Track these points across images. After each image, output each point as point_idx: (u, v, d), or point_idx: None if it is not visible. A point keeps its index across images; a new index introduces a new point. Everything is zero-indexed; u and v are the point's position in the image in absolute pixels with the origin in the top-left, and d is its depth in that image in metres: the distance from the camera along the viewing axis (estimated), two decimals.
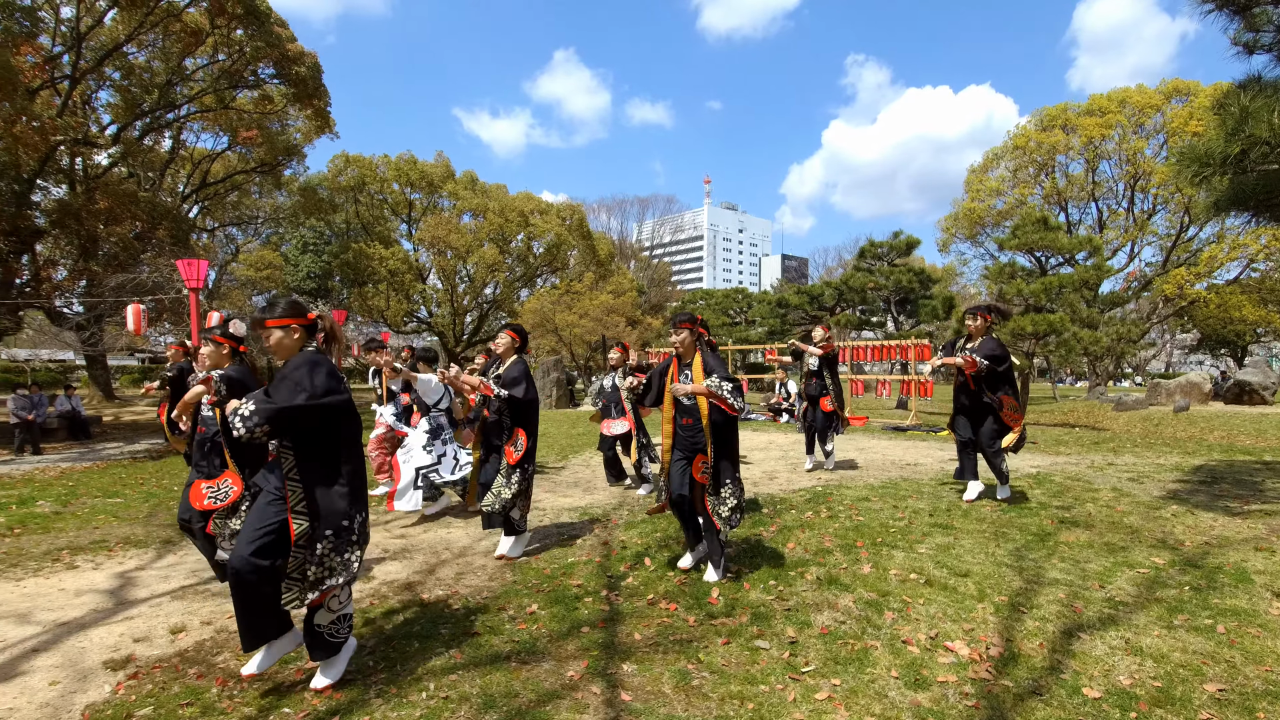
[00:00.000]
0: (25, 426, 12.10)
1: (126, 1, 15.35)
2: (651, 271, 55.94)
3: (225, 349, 4.06)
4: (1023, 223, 18.83)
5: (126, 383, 33.78)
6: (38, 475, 9.58)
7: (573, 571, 4.68)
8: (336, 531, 2.98)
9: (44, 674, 3.35)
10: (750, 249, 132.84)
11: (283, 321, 3.10)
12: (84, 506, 7.35)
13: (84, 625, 3.98)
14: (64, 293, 17.95)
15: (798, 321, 28.05)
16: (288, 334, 3.11)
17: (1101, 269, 18.20)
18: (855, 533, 5.32)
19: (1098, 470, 8.28)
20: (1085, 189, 29.55)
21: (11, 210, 14.31)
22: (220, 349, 4.05)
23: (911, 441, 11.79)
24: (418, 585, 4.51)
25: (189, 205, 25.16)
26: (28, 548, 5.69)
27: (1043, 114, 29.52)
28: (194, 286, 9.52)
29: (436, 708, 2.89)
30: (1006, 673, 3.09)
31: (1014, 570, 4.40)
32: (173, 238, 17.91)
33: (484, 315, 37.68)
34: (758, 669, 3.17)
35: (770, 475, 8.33)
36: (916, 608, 3.80)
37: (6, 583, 4.78)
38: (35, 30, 14.56)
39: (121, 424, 17.23)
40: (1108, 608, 3.79)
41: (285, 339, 3.10)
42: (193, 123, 22.04)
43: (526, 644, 3.51)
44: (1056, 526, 5.45)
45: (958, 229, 31.65)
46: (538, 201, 36.25)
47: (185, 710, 2.92)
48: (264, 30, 16.73)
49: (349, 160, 33.92)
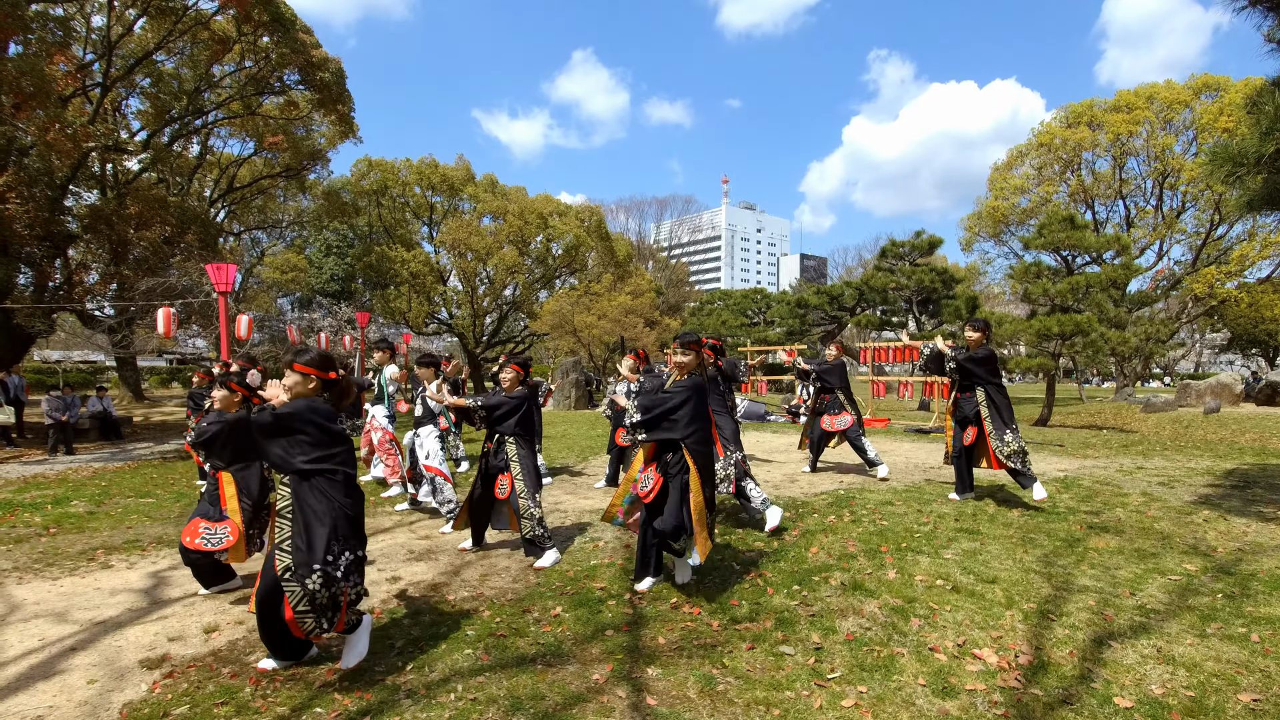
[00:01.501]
0: (59, 427, 12.39)
1: (156, 10, 15.66)
2: (669, 272, 55.92)
3: (237, 396, 4.46)
4: (1048, 221, 18.54)
5: (155, 384, 34.46)
6: (71, 475, 9.82)
7: (595, 574, 4.70)
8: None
9: (82, 672, 3.44)
10: (768, 249, 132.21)
11: (307, 370, 3.24)
12: (117, 506, 7.52)
13: (120, 624, 4.07)
14: (96, 296, 18.34)
15: (817, 322, 27.88)
16: (304, 381, 3.25)
17: (1129, 268, 17.87)
18: (879, 537, 5.28)
19: (1127, 474, 8.14)
20: (1112, 186, 29.01)
21: (45, 215, 14.64)
22: (233, 395, 4.44)
23: (935, 444, 11.67)
24: (443, 586, 4.56)
25: (216, 210, 25.62)
26: (64, 547, 5.83)
27: (1068, 110, 29.04)
28: (223, 290, 9.70)
29: (465, 709, 2.93)
30: (1036, 681, 3.06)
31: (1042, 577, 4.35)
32: (201, 242, 18.24)
33: (504, 317, 37.90)
34: (783, 675, 3.16)
35: (791, 478, 8.29)
36: (943, 614, 3.77)
37: (44, 582, 4.91)
38: (68, 39, 14.90)
39: (151, 424, 17.60)
40: (1139, 615, 3.73)
41: (300, 386, 3.25)
42: (220, 128, 22.45)
43: (551, 646, 3.54)
44: (1085, 532, 5.37)
45: (981, 228, 31.22)
46: (556, 203, 36.38)
47: (220, 709, 2.98)
48: (289, 37, 16.98)
49: (372, 164, 34.30)
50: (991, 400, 6.19)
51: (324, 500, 3.10)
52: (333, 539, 3.07)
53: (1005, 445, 6.05)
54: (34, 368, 30.22)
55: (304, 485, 3.11)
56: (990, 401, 6.18)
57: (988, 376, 6.24)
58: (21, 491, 8.50)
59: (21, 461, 11.42)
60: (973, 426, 6.30)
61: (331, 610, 3.10)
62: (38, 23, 13.17)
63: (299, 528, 3.08)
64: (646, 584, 4.35)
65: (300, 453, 3.11)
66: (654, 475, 4.15)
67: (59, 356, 34.80)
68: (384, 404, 7.65)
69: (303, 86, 19.25)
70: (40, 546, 5.86)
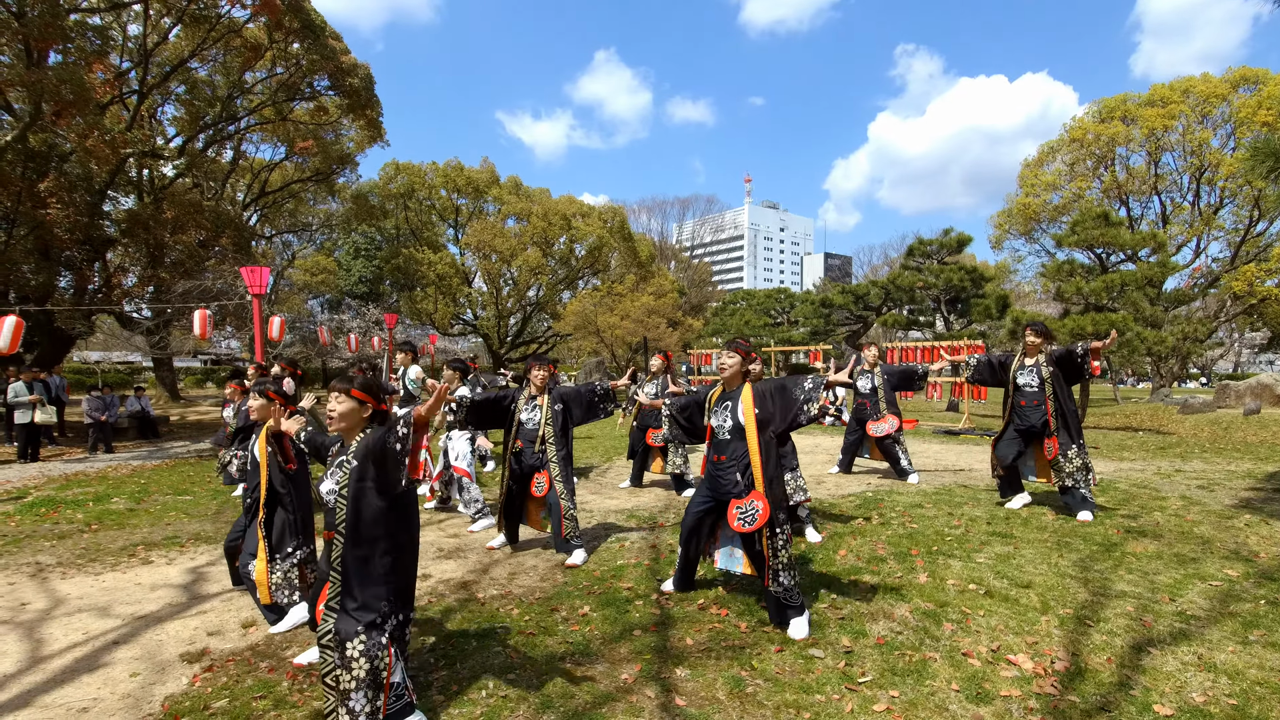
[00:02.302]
0: (99, 426, 12.74)
1: (190, 18, 16.04)
2: (692, 272, 55.82)
3: (276, 405, 4.18)
4: (1082, 218, 18.14)
5: (190, 383, 35.28)
6: (111, 473, 10.09)
7: (622, 574, 4.72)
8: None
9: (125, 665, 3.53)
10: (792, 248, 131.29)
11: (364, 397, 2.96)
12: (156, 503, 7.71)
13: (160, 619, 4.18)
14: (133, 298, 18.86)
15: (842, 321, 27.62)
16: (360, 409, 2.96)
17: (1166, 265, 17.41)
18: (909, 540, 5.22)
19: (1165, 477, 7.95)
20: (1147, 182, 28.32)
21: (85, 220, 15.09)
22: (270, 404, 4.17)
23: (965, 446, 11.50)
24: (473, 584, 4.61)
25: (249, 214, 26.16)
26: (105, 543, 6.00)
27: (1101, 105, 28.41)
28: (257, 293, 9.90)
29: (496, 706, 2.96)
30: (1073, 688, 3.00)
31: (1079, 582, 4.26)
32: (235, 245, 18.65)
33: (527, 317, 38.17)
34: (813, 678, 3.15)
35: (818, 480, 8.23)
36: (976, 619, 3.72)
37: (87, 577, 5.06)
38: (106, 48, 15.33)
39: (187, 423, 18.02)
40: (1179, 622, 3.65)
41: (355, 414, 2.95)
42: (252, 134, 22.91)
43: (580, 645, 3.56)
44: (1123, 536, 5.26)
45: (1011, 225, 30.68)
46: (579, 204, 36.55)
47: (259, 703, 3.05)
48: (319, 43, 17.28)
49: (399, 168, 34.78)
50: (1061, 410, 5.89)
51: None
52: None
53: (1069, 462, 5.82)
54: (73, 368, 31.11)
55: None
56: (1060, 412, 5.89)
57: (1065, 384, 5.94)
58: (64, 489, 8.76)
59: (63, 460, 11.77)
60: (1035, 438, 6.01)
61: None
62: (76, 32, 13.56)
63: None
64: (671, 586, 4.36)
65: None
66: (761, 502, 3.66)
67: (98, 357, 35.78)
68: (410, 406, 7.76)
69: (332, 92, 19.59)
70: (83, 542, 6.03)
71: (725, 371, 3.93)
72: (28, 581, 4.95)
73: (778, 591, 3.61)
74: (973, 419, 15.73)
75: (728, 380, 3.95)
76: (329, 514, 2.83)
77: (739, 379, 3.91)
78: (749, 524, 3.62)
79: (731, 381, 3.93)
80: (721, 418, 3.88)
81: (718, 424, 3.90)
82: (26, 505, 7.66)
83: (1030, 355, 6.12)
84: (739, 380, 3.91)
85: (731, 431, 3.82)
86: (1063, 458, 5.84)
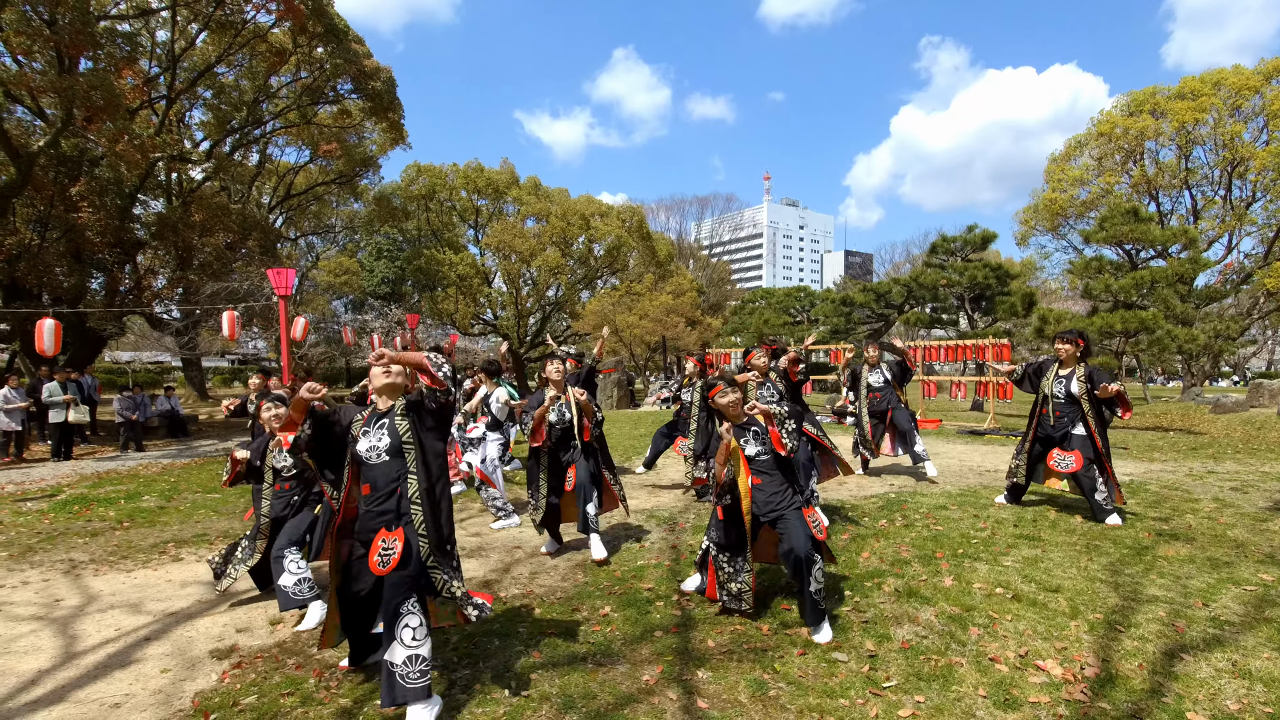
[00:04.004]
0: (130, 425, 13.02)
1: (216, 24, 16.33)
2: (710, 271, 55.63)
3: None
4: (1110, 214, 17.81)
5: (218, 383, 35.94)
6: (142, 471, 10.30)
7: (643, 575, 4.71)
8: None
9: (156, 661, 3.61)
10: (811, 245, 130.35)
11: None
12: (185, 501, 7.86)
13: (190, 615, 4.26)
14: (163, 300, 19.26)
15: (863, 320, 27.33)
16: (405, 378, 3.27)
17: (1197, 262, 17.06)
18: (934, 543, 5.15)
19: (1197, 478, 7.77)
20: (1177, 176, 27.66)
21: (116, 223, 15.44)
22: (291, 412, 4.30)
23: (990, 446, 11.33)
24: (494, 584, 4.64)
25: (274, 216, 26.60)
26: (136, 540, 6.13)
27: (1130, 99, 27.83)
28: (283, 294, 10.05)
29: (519, 705, 2.97)
30: (1104, 695, 2.95)
31: (1109, 586, 4.18)
32: (261, 248, 18.97)
33: (547, 317, 38.31)
34: (836, 682, 3.12)
35: (839, 481, 8.14)
36: (1004, 624, 3.66)
37: (119, 574, 5.17)
38: (135, 54, 15.66)
39: (215, 422, 18.35)
40: (1212, 627, 3.57)
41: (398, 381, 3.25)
42: (278, 137, 23.26)
43: (601, 646, 3.56)
44: (1154, 539, 5.15)
45: (1037, 221, 30.15)
46: (598, 204, 36.61)
47: (286, 700, 3.09)
48: (342, 48, 17.49)
49: (420, 170, 35.10)
50: (1101, 422, 5.67)
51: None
52: None
53: (1092, 481, 5.64)
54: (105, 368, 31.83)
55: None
56: (1101, 422, 5.67)
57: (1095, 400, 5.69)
58: (96, 487, 8.96)
59: (95, 458, 12.05)
60: (1059, 449, 5.80)
61: None
62: (106, 38, 13.86)
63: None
64: (692, 585, 4.35)
65: None
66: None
67: (129, 357, 36.58)
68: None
69: (355, 95, 19.83)
70: (114, 540, 6.17)
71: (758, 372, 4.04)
72: (61, 578, 5.07)
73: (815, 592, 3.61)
74: (998, 419, 15.51)
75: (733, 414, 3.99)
76: (367, 469, 3.10)
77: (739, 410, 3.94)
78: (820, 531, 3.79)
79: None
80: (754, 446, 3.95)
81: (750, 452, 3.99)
82: (60, 503, 7.85)
83: (1066, 365, 5.91)
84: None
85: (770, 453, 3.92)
86: (1084, 476, 5.66)
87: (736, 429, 3.89)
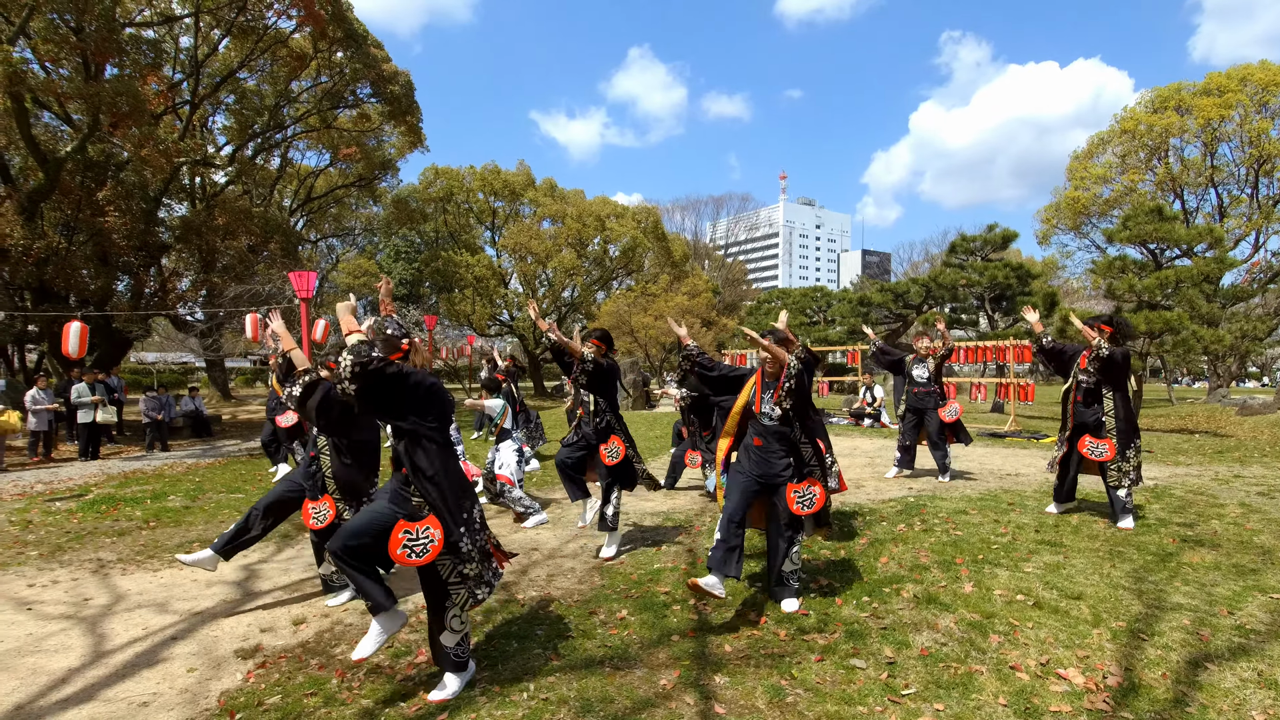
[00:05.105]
0: (155, 425, 13.25)
1: (238, 30, 16.58)
2: (726, 271, 55.50)
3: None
4: (1134, 213, 17.51)
5: (240, 383, 36.47)
6: (167, 471, 10.48)
7: (659, 578, 4.72)
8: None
9: (182, 661, 3.67)
10: (828, 245, 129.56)
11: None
12: (210, 501, 7.98)
13: (215, 615, 4.33)
14: (187, 302, 19.59)
15: (880, 320, 27.11)
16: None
17: (1223, 261, 16.69)
18: (953, 548, 5.11)
19: (1223, 483, 7.64)
20: (1203, 174, 27.14)
21: (141, 227, 15.73)
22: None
23: (1010, 449, 11.21)
24: (512, 585, 4.67)
25: (295, 219, 26.94)
26: (162, 540, 6.24)
27: (1154, 95, 27.37)
28: (304, 297, 10.19)
29: (537, 708, 2.99)
30: (1126, 704, 2.91)
31: (1132, 593, 4.12)
32: (283, 250, 19.22)
33: (562, 318, 38.41)
34: (854, 689, 3.11)
35: (857, 484, 8.11)
36: (1025, 631, 3.62)
37: (146, 573, 5.26)
38: (159, 60, 15.96)
39: (238, 422, 18.62)
40: (1238, 636, 3.51)
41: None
42: (298, 141, 23.58)
43: (619, 649, 3.58)
44: (1179, 546, 5.07)
45: (1059, 219, 29.73)
46: (614, 205, 36.68)
47: (309, 699, 3.14)
48: (361, 52, 17.69)
49: (438, 172, 35.38)
50: (1118, 416, 5.67)
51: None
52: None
53: (1127, 461, 5.59)
54: (131, 369, 32.40)
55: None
56: (1117, 417, 5.66)
57: (1120, 382, 5.72)
58: (123, 486, 9.14)
59: (122, 457, 12.27)
60: (1090, 436, 5.78)
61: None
62: (131, 45, 14.14)
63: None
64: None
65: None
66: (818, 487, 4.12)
67: (154, 358, 37.18)
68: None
69: (374, 99, 20.05)
70: (141, 539, 6.28)
71: (766, 364, 4.16)
72: (90, 577, 5.17)
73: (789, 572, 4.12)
74: (1019, 421, 15.32)
75: (769, 369, 4.12)
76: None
77: (780, 367, 4.06)
78: (808, 507, 3.99)
79: (773, 370, 4.13)
80: (769, 405, 4.05)
81: (765, 410, 4.07)
82: (88, 503, 8.01)
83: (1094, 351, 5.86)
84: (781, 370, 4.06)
85: (779, 419, 4.03)
86: (1113, 468, 5.61)
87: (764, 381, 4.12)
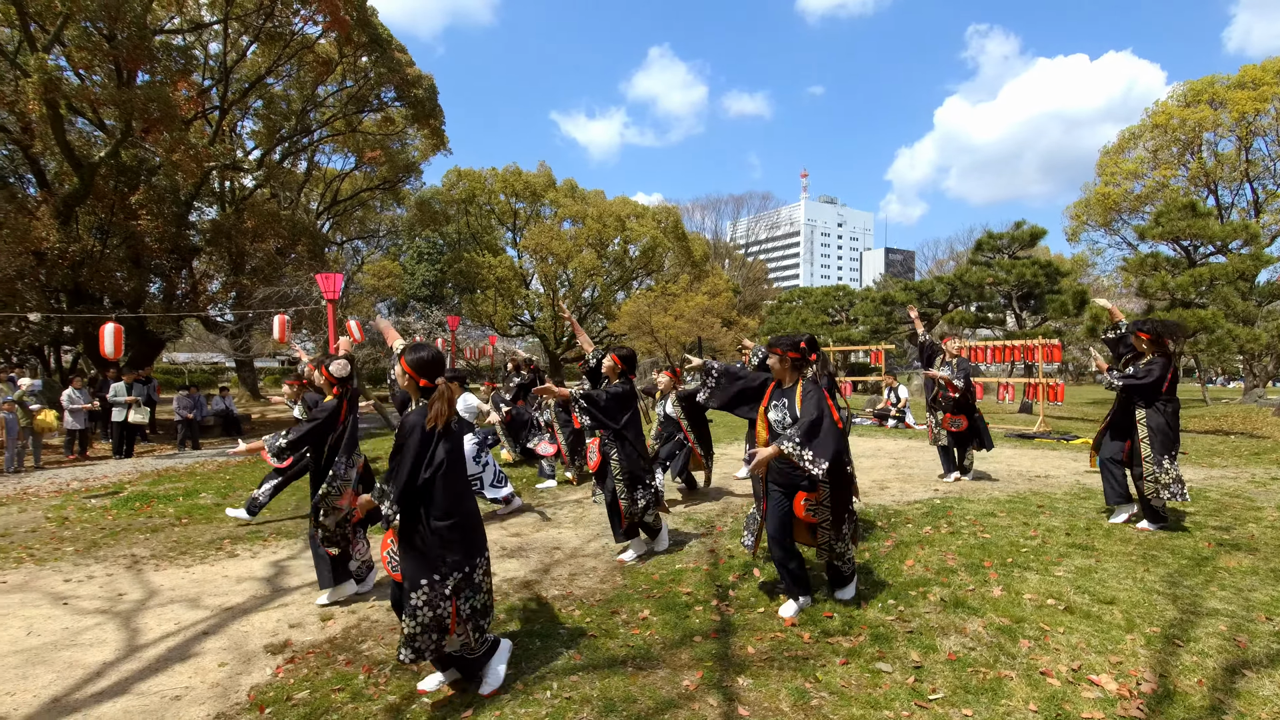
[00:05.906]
0: (187, 424, 13.54)
1: (266, 36, 16.90)
2: (746, 270, 55.29)
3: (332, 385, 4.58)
4: (1167, 208, 17.13)
5: (269, 383, 37.09)
6: (198, 469, 10.70)
7: (681, 579, 4.71)
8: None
9: (213, 655, 3.75)
10: (850, 243, 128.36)
11: (409, 371, 3.24)
12: (241, 499, 8.11)
13: (245, 610, 4.41)
14: (217, 303, 19.98)
15: (904, 320, 26.80)
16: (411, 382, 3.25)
17: (1259, 258, 16.25)
18: (981, 551, 5.03)
19: (1260, 485, 7.43)
20: (1238, 169, 26.42)
21: (173, 230, 16.08)
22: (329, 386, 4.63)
23: (1040, 451, 11.01)
24: (535, 584, 4.69)
25: (322, 221, 27.38)
26: (194, 537, 6.37)
27: (1186, 88, 26.71)
28: (331, 298, 10.33)
29: (560, 707, 3.00)
30: (1161, 711, 2.85)
31: (1166, 598, 4.03)
32: (310, 252, 19.55)
33: (582, 318, 38.55)
34: (880, 693, 3.07)
35: (881, 485, 8.03)
36: (1055, 636, 3.56)
37: (178, 569, 5.38)
38: (189, 67, 16.29)
39: (267, 421, 18.94)
40: (1276, 642, 3.42)
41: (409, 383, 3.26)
42: (325, 145, 23.98)
43: (641, 650, 3.58)
44: (1215, 550, 4.94)
45: (1089, 216, 29.12)
46: (634, 205, 36.75)
47: (337, 695, 3.19)
48: (386, 56, 17.93)
49: (460, 174, 35.74)
50: (1150, 425, 5.46)
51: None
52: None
53: (1165, 473, 5.37)
54: (163, 369, 33.14)
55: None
56: (1149, 427, 5.46)
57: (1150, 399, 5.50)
58: (156, 484, 9.34)
59: (154, 455, 12.56)
60: (1128, 441, 5.63)
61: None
62: (162, 52, 14.46)
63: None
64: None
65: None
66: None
67: (185, 358, 37.98)
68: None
69: (398, 103, 20.31)
70: (174, 536, 6.42)
71: (777, 371, 4.08)
72: (124, 573, 5.30)
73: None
74: (1048, 421, 15.05)
75: (779, 377, 4.07)
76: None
77: (790, 376, 4.02)
78: (815, 516, 3.95)
79: (783, 378, 4.04)
80: (780, 412, 3.97)
81: (777, 418, 3.99)
82: (122, 500, 8.20)
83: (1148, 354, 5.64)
84: (792, 377, 4.02)
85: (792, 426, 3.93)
86: (1156, 468, 5.42)
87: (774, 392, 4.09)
